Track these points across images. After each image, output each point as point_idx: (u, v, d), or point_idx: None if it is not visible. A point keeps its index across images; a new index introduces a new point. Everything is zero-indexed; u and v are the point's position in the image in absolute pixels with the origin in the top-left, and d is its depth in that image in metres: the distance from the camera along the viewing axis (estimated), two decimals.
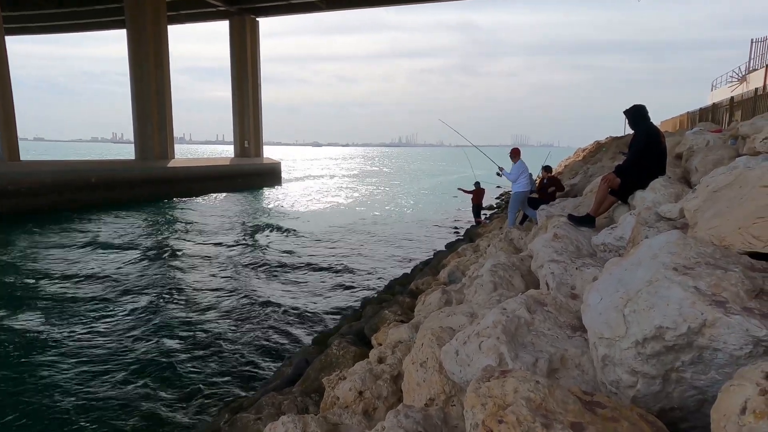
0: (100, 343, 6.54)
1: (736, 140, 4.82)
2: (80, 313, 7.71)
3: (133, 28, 25.18)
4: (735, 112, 11.30)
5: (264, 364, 5.96)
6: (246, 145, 33.25)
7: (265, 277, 10.09)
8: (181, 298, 8.52)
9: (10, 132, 19.74)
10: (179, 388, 5.28)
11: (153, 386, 5.32)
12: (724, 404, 1.00)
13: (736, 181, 1.81)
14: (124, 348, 6.37)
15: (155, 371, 5.68)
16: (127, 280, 9.74)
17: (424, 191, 32.22)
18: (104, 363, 5.92)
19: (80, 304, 8.17)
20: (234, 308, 8.05)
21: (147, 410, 4.85)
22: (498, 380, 1.30)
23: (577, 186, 9.03)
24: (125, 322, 7.36)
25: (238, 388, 5.34)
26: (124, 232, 15.34)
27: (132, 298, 8.55)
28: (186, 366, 5.84)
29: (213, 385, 5.39)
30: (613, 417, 1.17)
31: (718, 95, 18.89)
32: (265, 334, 6.93)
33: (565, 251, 3.30)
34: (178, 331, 6.99)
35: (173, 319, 7.49)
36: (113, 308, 7.99)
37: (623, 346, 1.38)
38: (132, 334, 6.86)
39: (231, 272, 10.48)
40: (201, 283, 9.60)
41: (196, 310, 7.95)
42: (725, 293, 1.32)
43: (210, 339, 6.72)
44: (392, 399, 2.63)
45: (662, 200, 3.40)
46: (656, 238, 1.78)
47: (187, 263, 11.33)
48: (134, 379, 5.51)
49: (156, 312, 7.83)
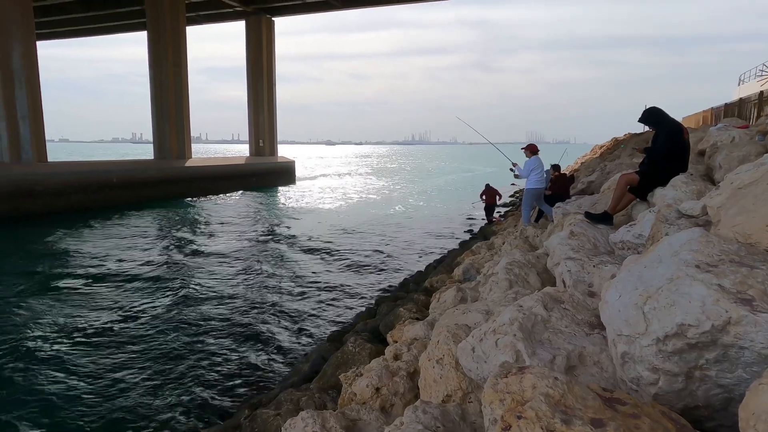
0: (120, 339, 6.71)
1: (764, 136, 4.67)
2: (102, 309, 7.93)
3: (153, 30, 25.68)
4: (765, 107, 10.91)
5: (281, 361, 6.04)
6: (261, 144, 33.61)
7: (281, 275, 10.21)
8: (200, 296, 8.68)
9: (39, 135, 20.38)
10: (199, 385, 5.38)
11: (173, 383, 5.44)
12: (754, 403, 0.98)
13: (763, 177, 1.76)
14: (144, 345, 6.52)
15: (175, 368, 5.80)
16: (147, 277, 9.97)
17: (438, 189, 32.10)
18: (123, 360, 6.07)
19: (102, 301, 8.39)
20: (251, 306, 8.16)
21: (167, 407, 4.95)
22: (516, 376, 1.30)
23: (594, 183, 8.89)
24: (145, 318, 7.53)
25: (256, 384, 5.42)
26: (143, 231, 15.69)
27: (151, 296, 8.75)
28: (205, 363, 5.96)
29: (232, 382, 5.48)
30: (634, 414, 1.17)
31: (746, 90, 18.26)
32: (282, 331, 7.02)
33: (581, 249, 3.26)
34: (197, 329, 7.12)
35: (192, 317, 7.64)
36: (133, 305, 8.19)
37: (643, 343, 1.37)
38: (151, 331, 7.02)
39: (247, 270, 10.62)
40: (218, 280, 9.76)
41: (214, 307, 8.10)
42: (751, 291, 1.29)
43: (228, 336, 6.84)
44: (409, 395, 2.65)
45: (683, 197, 3.34)
46: (677, 236, 1.75)
47: (204, 261, 11.53)
48: (154, 375, 5.63)
49: (175, 309, 7.99)
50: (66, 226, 15.87)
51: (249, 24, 32.39)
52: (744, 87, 20.02)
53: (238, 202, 23.58)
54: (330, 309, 8.00)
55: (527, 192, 7.60)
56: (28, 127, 19.79)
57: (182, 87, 26.77)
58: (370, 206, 22.75)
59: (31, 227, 15.76)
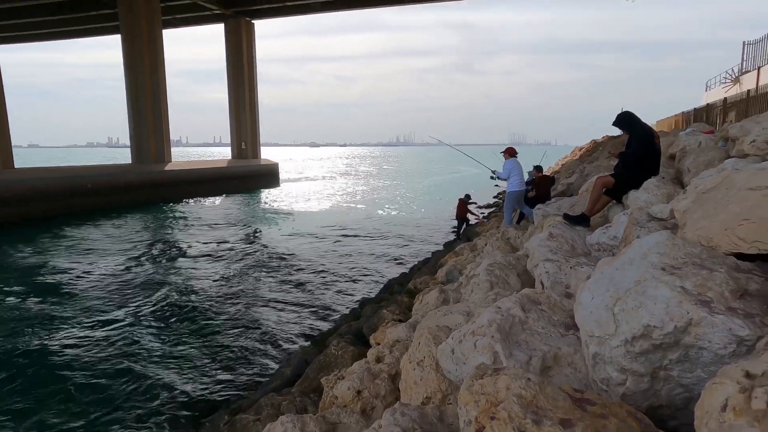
0: (98, 347, 6.55)
1: (726, 142, 4.87)
2: (75, 319, 7.72)
3: (127, 33, 25.12)
4: (729, 113, 11.35)
5: (263, 365, 5.98)
6: (243, 146, 33.23)
7: (264, 279, 10.11)
8: (179, 301, 8.53)
9: (4, 140, 19.72)
10: (178, 391, 5.30)
11: (151, 389, 5.33)
12: (707, 401, 1.03)
13: (723, 183, 1.85)
14: (122, 350, 6.38)
15: (154, 374, 5.69)
16: (124, 284, 9.75)
17: (421, 191, 32.26)
18: (102, 366, 5.93)
19: (75, 310, 8.17)
20: (233, 310, 8.07)
21: (146, 412, 4.86)
22: (491, 378, 1.33)
23: (573, 185, 9.09)
24: (122, 325, 7.37)
25: (237, 389, 5.36)
26: (121, 237, 15.33)
27: (129, 303, 8.56)
28: (185, 368, 5.86)
29: (212, 387, 5.41)
30: (602, 414, 1.21)
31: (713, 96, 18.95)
32: (265, 335, 6.96)
33: (560, 250, 3.34)
34: (177, 334, 7.00)
35: (171, 322, 7.51)
36: (108, 313, 8.00)
37: (613, 344, 1.42)
38: (129, 337, 6.87)
39: (229, 274, 10.49)
40: (199, 285, 9.61)
41: (195, 312, 7.97)
42: (710, 293, 1.36)
43: (209, 341, 6.74)
44: (390, 398, 2.67)
45: (654, 200, 3.45)
46: (646, 239, 1.82)
47: (184, 266, 11.34)
48: (132, 380, 5.52)
49: (153, 315, 7.84)
50: (36, 234, 15.33)
51: (228, 27, 32.03)
52: (711, 93, 20.76)
53: (220, 206, 23.25)
54: (314, 312, 7.96)
55: (509, 195, 7.73)
56: None
57: (160, 89, 26.26)
58: (355, 208, 22.73)
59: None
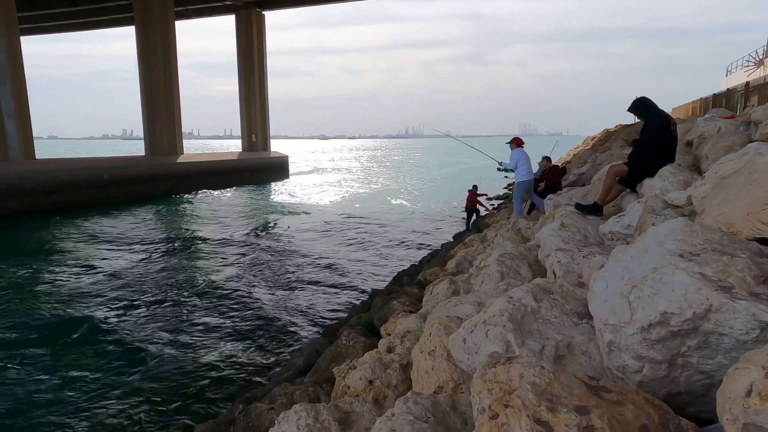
0: (116, 336, 6.68)
1: (748, 126, 4.73)
2: (93, 307, 7.88)
3: (141, 24, 25.31)
4: (751, 97, 11.02)
5: (275, 356, 6.05)
6: (253, 139, 33.37)
7: (275, 270, 10.20)
8: (193, 292, 8.66)
9: (26, 131, 20.09)
10: (194, 380, 5.39)
11: (168, 379, 5.44)
12: (730, 387, 1.01)
13: (745, 167, 1.79)
14: (139, 341, 6.51)
15: (170, 364, 5.80)
16: (139, 274, 9.91)
17: (431, 182, 32.13)
18: (118, 355, 6.05)
19: (94, 299, 8.34)
20: (245, 301, 8.16)
21: (162, 402, 4.96)
22: (504, 366, 1.32)
23: (585, 175, 8.95)
24: (139, 315, 7.50)
25: (251, 379, 5.44)
26: (135, 228, 15.57)
27: (144, 292, 8.71)
28: (200, 358, 5.96)
29: (226, 377, 5.49)
30: (618, 401, 1.19)
31: (734, 80, 18.44)
32: (276, 325, 7.03)
33: (572, 240, 3.30)
34: (191, 325, 7.11)
35: (186, 313, 7.63)
36: (126, 302, 8.15)
37: (629, 332, 1.39)
38: (146, 327, 7.00)
39: (241, 266, 10.60)
40: (212, 277, 9.73)
41: (208, 303, 8.08)
42: (731, 279, 1.32)
43: (222, 331, 6.84)
44: (402, 387, 2.68)
45: (670, 188, 3.37)
46: (662, 226, 1.78)
47: (197, 258, 11.49)
48: (149, 371, 5.63)
49: (168, 305, 7.97)
50: (55, 224, 15.71)
51: (239, 18, 32.01)
52: (731, 77, 20.22)
53: (231, 198, 23.45)
54: (324, 303, 8.01)
55: (517, 185, 7.65)
56: (14, 124, 19.50)
57: (172, 82, 26.47)
58: (364, 200, 22.73)
59: (19, 226, 15.56)
